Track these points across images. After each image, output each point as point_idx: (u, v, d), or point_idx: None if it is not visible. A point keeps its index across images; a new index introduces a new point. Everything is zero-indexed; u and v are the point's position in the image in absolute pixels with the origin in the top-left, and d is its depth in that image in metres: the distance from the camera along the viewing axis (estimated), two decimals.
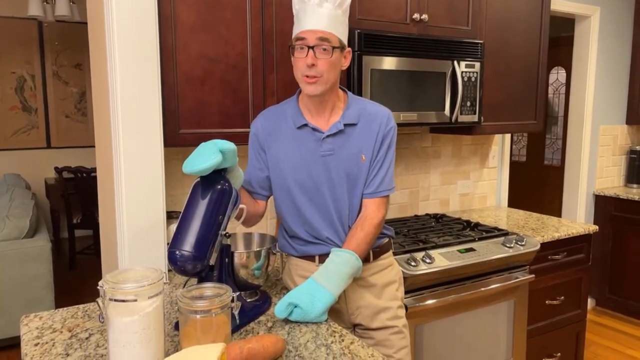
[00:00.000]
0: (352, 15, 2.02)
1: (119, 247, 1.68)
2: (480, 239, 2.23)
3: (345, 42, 1.48)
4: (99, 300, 1.09)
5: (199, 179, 1.33)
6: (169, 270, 1.72)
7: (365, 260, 1.52)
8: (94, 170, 4.51)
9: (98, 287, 1.05)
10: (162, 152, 1.68)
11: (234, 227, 1.66)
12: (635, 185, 3.80)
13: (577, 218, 3.68)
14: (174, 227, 1.31)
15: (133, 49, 1.59)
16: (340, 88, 1.56)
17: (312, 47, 1.40)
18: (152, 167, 1.66)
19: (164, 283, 1.26)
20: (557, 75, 4.54)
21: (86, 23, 2.11)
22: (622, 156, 3.88)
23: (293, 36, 1.46)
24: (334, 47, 1.41)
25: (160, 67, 1.66)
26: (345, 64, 1.50)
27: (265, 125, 1.56)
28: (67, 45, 5.79)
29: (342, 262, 1.41)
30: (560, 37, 4.10)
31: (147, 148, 1.65)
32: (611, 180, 3.85)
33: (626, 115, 3.84)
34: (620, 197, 3.58)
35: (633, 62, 3.76)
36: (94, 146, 2.16)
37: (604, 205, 3.70)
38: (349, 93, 1.58)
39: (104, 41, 1.65)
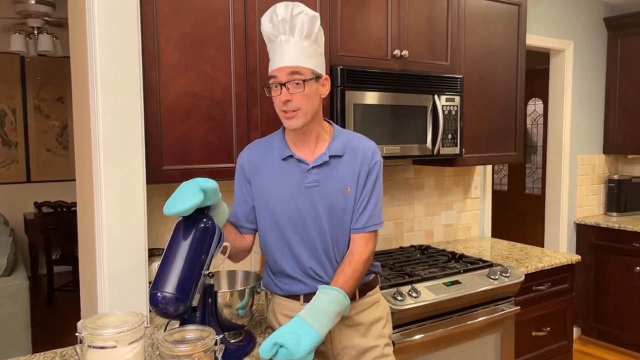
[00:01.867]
0: (334, 52, 2.06)
1: (99, 287, 1.63)
2: (466, 270, 2.22)
3: (321, 71, 1.48)
4: (77, 347, 1.06)
5: (181, 218, 1.31)
6: (151, 311, 1.68)
7: (352, 298, 1.49)
8: (74, 204, 4.43)
9: (76, 334, 1.02)
10: (144, 188, 1.66)
11: (223, 264, 1.63)
12: (614, 214, 3.86)
13: (559, 247, 3.71)
14: (156, 265, 1.29)
15: (116, 85, 1.59)
16: (325, 120, 1.57)
17: (284, 84, 1.41)
18: (134, 203, 1.64)
19: (145, 327, 1.22)
20: (535, 106, 4.65)
21: (69, 57, 2.11)
22: (600, 185, 3.96)
23: (268, 75, 1.48)
24: (305, 80, 1.41)
25: (144, 103, 1.66)
26: (324, 91, 1.50)
27: (252, 157, 1.56)
28: (49, 79, 5.77)
29: (329, 300, 1.38)
30: (536, 70, 4.22)
31: (129, 184, 1.63)
32: (591, 209, 3.91)
33: (603, 144, 3.93)
34: (601, 225, 3.63)
35: (607, 93, 3.88)
36: (75, 180, 2.13)
37: (585, 233, 3.75)
38: (335, 125, 1.59)
39: (87, 76, 1.65)
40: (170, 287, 1.19)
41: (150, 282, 1.31)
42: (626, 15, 3.68)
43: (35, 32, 4.37)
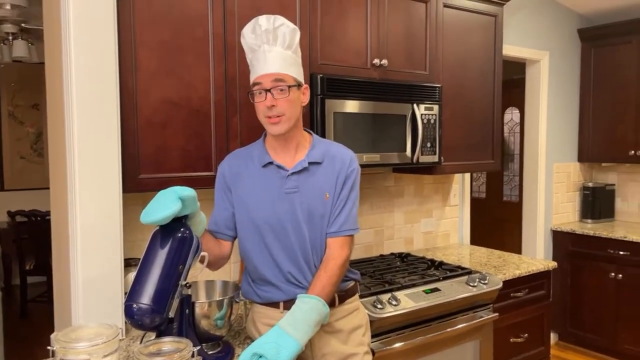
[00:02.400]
0: (314, 60, 2.07)
1: (73, 297, 1.59)
2: (445, 278, 2.24)
3: (301, 79, 1.53)
4: None
5: (158, 227, 1.29)
6: (126, 322, 1.64)
7: (331, 304, 1.50)
8: (49, 213, 4.33)
9: (48, 348, 0.99)
10: (120, 197, 1.64)
11: (201, 273, 1.61)
12: (589, 221, 3.94)
13: (536, 253, 3.77)
14: (132, 275, 1.26)
15: (91, 92, 1.56)
16: (305, 130, 1.60)
17: (269, 90, 1.44)
18: (109, 213, 1.61)
19: (120, 340, 1.20)
20: (512, 115, 4.73)
21: (44, 63, 2.07)
22: (575, 192, 4.03)
23: (250, 83, 1.51)
24: (289, 86, 1.46)
25: (120, 110, 1.64)
26: (305, 100, 1.55)
27: (232, 165, 1.58)
28: (24, 86, 5.66)
29: (308, 308, 1.38)
30: (512, 80, 4.29)
31: (104, 193, 1.60)
32: (567, 216, 3.98)
33: (577, 153, 4.01)
34: (576, 232, 3.70)
35: (581, 103, 3.97)
36: (49, 188, 2.08)
37: (561, 240, 3.81)
38: (314, 135, 1.62)
39: (62, 82, 1.62)
40: (146, 298, 1.17)
41: (126, 293, 1.28)
42: (599, 27, 3.78)
43: (10, 37, 4.29)
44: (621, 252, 3.44)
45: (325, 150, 1.57)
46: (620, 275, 3.45)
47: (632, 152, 3.63)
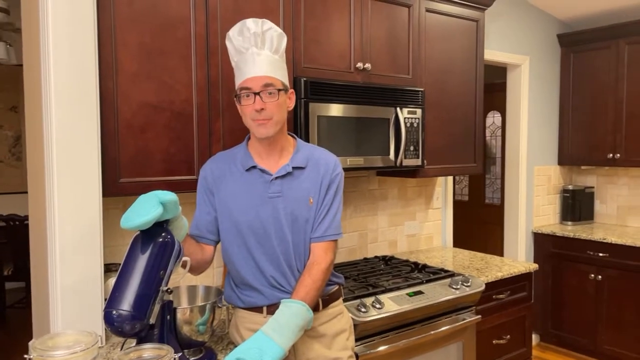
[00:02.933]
0: (297, 64, 2.07)
1: (52, 304, 1.56)
2: (428, 281, 2.25)
3: (287, 84, 1.53)
4: None
5: (139, 232, 1.27)
6: (106, 329, 1.62)
7: (315, 309, 1.50)
8: (27, 218, 4.25)
9: (25, 356, 0.97)
10: (100, 201, 1.61)
11: (183, 278, 1.59)
12: (569, 223, 4.00)
13: (518, 255, 3.81)
14: (112, 280, 1.25)
15: (70, 94, 1.54)
16: (289, 134, 1.60)
17: (258, 93, 1.44)
18: (89, 217, 1.58)
19: (99, 347, 1.17)
20: (493, 118, 4.78)
21: (22, 65, 2.03)
22: (556, 195, 4.09)
23: (237, 85, 1.50)
24: (279, 90, 1.46)
25: (100, 113, 1.61)
26: (291, 104, 1.55)
27: (215, 168, 1.57)
28: (3, 88, 5.55)
29: (292, 313, 1.37)
30: (494, 84, 4.35)
31: (84, 197, 1.57)
32: (547, 218, 4.04)
33: (558, 156, 4.08)
34: (557, 234, 3.75)
35: (561, 107, 4.03)
36: (27, 192, 2.04)
37: (542, 242, 3.86)
38: (298, 139, 1.62)
39: (40, 85, 1.59)
40: (126, 304, 1.15)
41: (106, 299, 1.26)
42: (578, 33, 3.85)
43: None
44: (600, 254, 3.50)
45: (309, 154, 1.57)
46: (599, 277, 3.51)
47: (611, 155, 3.70)
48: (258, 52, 1.46)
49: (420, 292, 2.13)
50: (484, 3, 2.79)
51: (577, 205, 3.99)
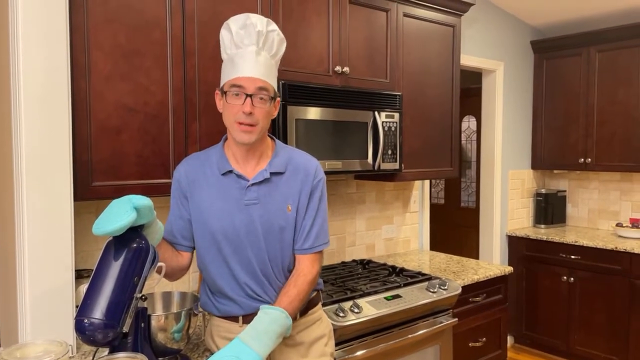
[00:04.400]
0: None
1: (20, 311, 1.51)
2: (406, 284, 2.25)
3: (277, 91, 1.47)
4: None
5: (112, 237, 1.23)
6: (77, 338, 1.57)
7: (293, 317, 1.45)
8: None
9: None
10: (71, 205, 1.56)
11: (158, 284, 1.55)
12: (542, 226, 4.08)
13: (493, 258, 3.86)
14: (84, 287, 1.21)
15: (41, 95, 1.49)
16: (268, 136, 1.53)
17: (251, 95, 1.37)
18: (59, 222, 1.53)
19: (70, 357, 1.13)
20: (469, 123, 4.85)
21: None
22: (529, 199, 4.17)
23: (226, 80, 1.40)
24: (271, 97, 1.40)
25: (72, 115, 1.57)
26: (275, 113, 1.49)
27: (189, 170, 1.49)
28: None
29: (270, 320, 1.34)
30: (469, 88, 4.41)
31: (54, 201, 1.52)
32: (521, 221, 4.11)
33: (531, 160, 4.15)
34: (530, 237, 3.82)
35: (534, 112, 4.11)
36: None
37: (516, 245, 3.93)
38: (277, 141, 1.56)
39: (9, 85, 1.54)
40: (98, 312, 1.12)
41: (77, 307, 1.22)
42: (550, 39, 3.93)
43: None
44: (572, 257, 3.58)
45: (288, 158, 1.51)
46: (572, 279, 3.58)
47: (582, 159, 3.78)
48: (258, 52, 1.38)
49: (398, 296, 2.13)
50: (460, 9, 2.83)
51: (550, 208, 4.08)
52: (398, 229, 3.08)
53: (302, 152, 1.57)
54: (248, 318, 1.41)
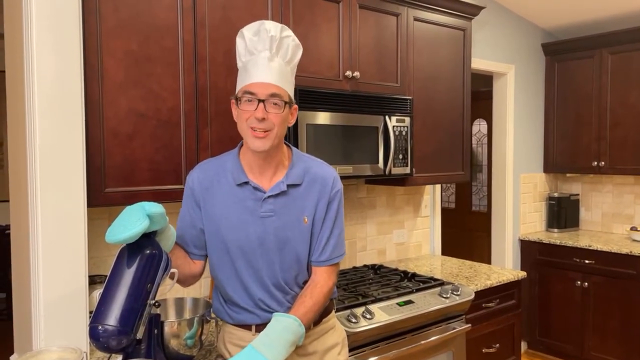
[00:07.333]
0: None
1: (34, 318, 1.51)
2: (418, 290, 2.23)
3: (293, 98, 1.44)
4: None
5: (125, 244, 1.23)
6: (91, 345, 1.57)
7: (307, 328, 1.42)
8: (9, 227, 4.16)
9: None
10: (84, 211, 1.56)
11: (170, 290, 1.55)
12: (555, 230, 4.03)
13: (505, 262, 3.83)
14: (97, 293, 1.20)
15: (54, 102, 1.50)
16: (285, 144, 1.49)
17: (263, 101, 1.34)
18: (73, 228, 1.54)
19: None
20: (480, 126, 4.82)
21: (4, 71, 1.99)
22: (542, 202, 4.13)
23: (240, 87, 1.39)
24: (285, 102, 1.37)
25: (85, 121, 1.58)
26: (292, 120, 1.44)
27: (202, 178, 1.46)
28: None
29: (283, 328, 1.32)
30: (480, 92, 4.38)
31: (68, 207, 1.52)
32: (534, 225, 4.07)
33: (543, 164, 4.11)
34: (543, 241, 3.78)
35: (546, 115, 4.08)
36: (9, 201, 1.99)
37: (529, 249, 3.88)
38: (294, 149, 1.52)
39: (23, 92, 1.55)
40: (112, 319, 1.11)
41: (90, 313, 1.22)
42: (562, 42, 3.90)
43: None
44: (586, 261, 3.53)
45: (305, 169, 1.47)
46: (586, 284, 3.54)
47: (595, 163, 3.74)
48: (271, 58, 1.36)
49: (410, 302, 2.11)
50: (471, 12, 2.81)
51: (563, 212, 4.03)
52: (409, 233, 3.06)
53: (319, 162, 1.53)
54: (261, 327, 1.38)
